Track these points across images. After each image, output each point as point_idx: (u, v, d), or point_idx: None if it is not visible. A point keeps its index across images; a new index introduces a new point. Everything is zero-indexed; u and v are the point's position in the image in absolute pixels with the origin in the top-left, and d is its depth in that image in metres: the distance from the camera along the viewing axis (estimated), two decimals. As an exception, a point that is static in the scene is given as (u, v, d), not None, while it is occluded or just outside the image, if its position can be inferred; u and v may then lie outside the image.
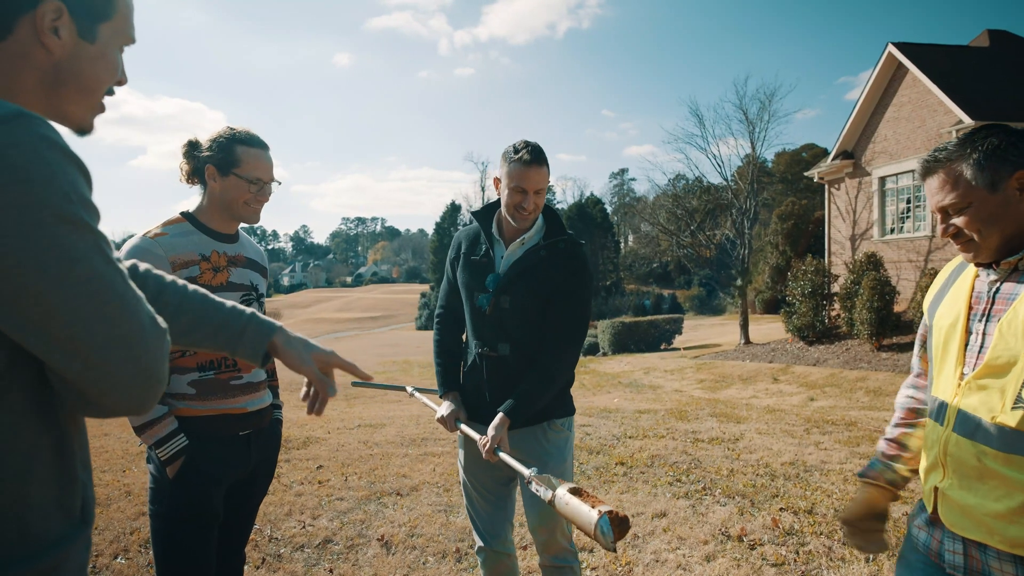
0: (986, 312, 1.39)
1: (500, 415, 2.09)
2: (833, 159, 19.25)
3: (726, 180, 23.30)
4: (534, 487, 1.75)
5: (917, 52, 17.02)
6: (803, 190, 39.81)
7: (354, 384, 3.00)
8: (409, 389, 2.65)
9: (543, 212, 2.30)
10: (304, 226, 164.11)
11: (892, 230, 18.00)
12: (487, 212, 2.37)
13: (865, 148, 18.64)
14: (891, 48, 17.25)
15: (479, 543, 2.39)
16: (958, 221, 1.38)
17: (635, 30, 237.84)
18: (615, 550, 1.53)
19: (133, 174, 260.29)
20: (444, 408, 2.31)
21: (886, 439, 1.68)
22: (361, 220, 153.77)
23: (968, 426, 1.36)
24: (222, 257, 2.05)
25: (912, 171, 17.21)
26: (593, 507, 1.50)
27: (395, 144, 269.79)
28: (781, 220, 31.59)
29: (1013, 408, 1.28)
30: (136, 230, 1.93)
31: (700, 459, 5.43)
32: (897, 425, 1.68)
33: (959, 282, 1.53)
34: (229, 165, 1.99)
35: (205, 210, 2.07)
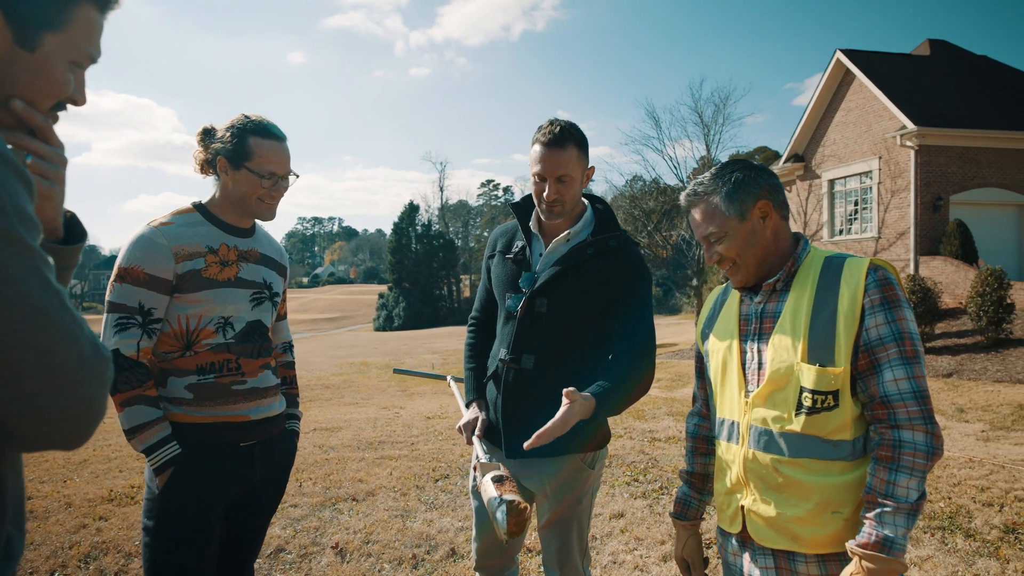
0: (757, 331, 1.53)
1: (587, 395, 1.64)
2: (784, 162, 19.74)
3: (682, 181, 23.67)
4: (476, 473, 1.67)
5: (864, 59, 17.59)
6: (756, 192, 40.64)
7: (396, 371, 2.90)
8: (448, 379, 2.47)
9: (592, 205, 2.02)
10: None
11: (841, 231, 18.54)
12: (526, 205, 2.07)
13: (815, 151, 19.17)
14: (839, 55, 17.78)
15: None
16: (720, 248, 1.52)
17: (589, 33, 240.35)
18: (505, 542, 1.47)
19: (76, 172, 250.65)
20: (466, 416, 2.02)
21: (689, 472, 1.78)
22: (318, 220, 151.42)
23: (762, 439, 1.48)
24: (232, 251, 1.91)
25: (860, 174, 17.76)
26: (501, 494, 1.46)
27: (351, 143, 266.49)
28: (735, 221, 32.16)
29: (797, 414, 1.42)
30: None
31: (657, 458, 5.48)
32: (694, 455, 1.78)
33: (726, 309, 1.65)
34: (241, 158, 1.85)
35: (218, 202, 1.93)
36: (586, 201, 2.04)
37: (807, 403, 1.41)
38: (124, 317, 1.77)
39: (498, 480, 1.53)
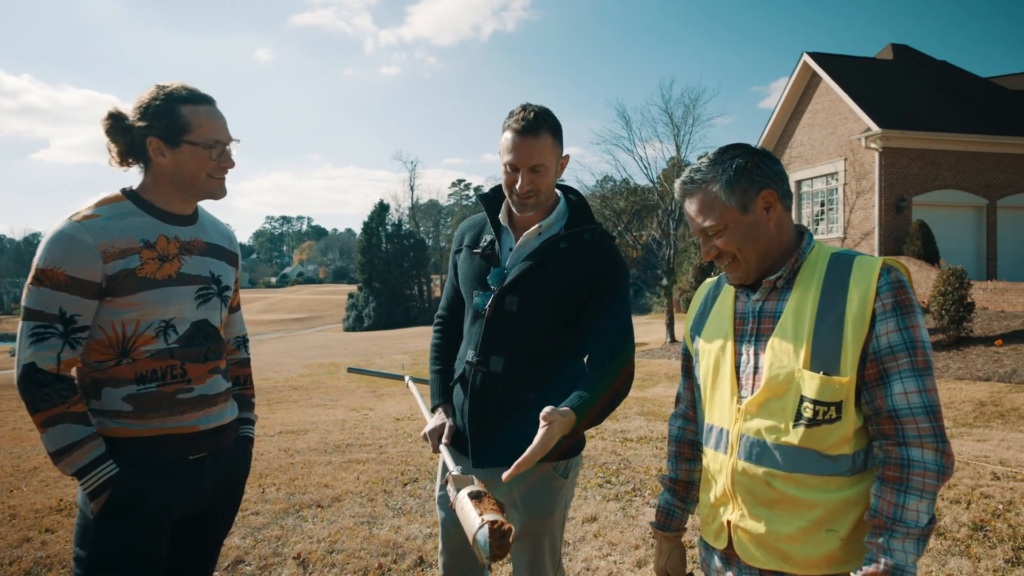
0: (754, 332, 1.40)
1: (565, 410, 1.53)
2: (753, 163, 19.97)
3: (652, 182, 23.81)
4: (448, 487, 1.55)
5: (829, 62, 17.88)
6: (724, 193, 41.15)
7: (350, 370, 2.72)
8: (406, 379, 2.30)
9: (565, 196, 1.90)
10: (226, 224, 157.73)
11: (807, 232, 18.84)
12: (495, 196, 1.93)
13: (783, 153, 19.42)
14: (806, 57, 18.04)
15: None
16: (718, 243, 1.38)
17: (559, 34, 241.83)
18: (488, 567, 1.34)
19: (35, 168, 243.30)
20: (433, 421, 1.88)
21: (672, 479, 1.66)
22: (286, 219, 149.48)
23: (754, 451, 1.36)
24: (172, 243, 1.67)
25: (826, 175, 18.04)
26: (480, 515, 1.33)
27: (320, 142, 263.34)
28: (704, 221, 32.52)
29: (795, 426, 1.30)
30: (38, 228, 1.54)
31: (629, 459, 5.43)
32: (678, 461, 1.65)
33: (719, 306, 1.52)
34: (178, 133, 1.61)
35: (152, 187, 1.68)
36: (559, 192, 1.93)
37: (807, 414, 1.29)
38: (42, 326, 1.55)
39: (475, 496, 1.39)
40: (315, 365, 18.32)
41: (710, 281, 1.62)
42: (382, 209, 52.15)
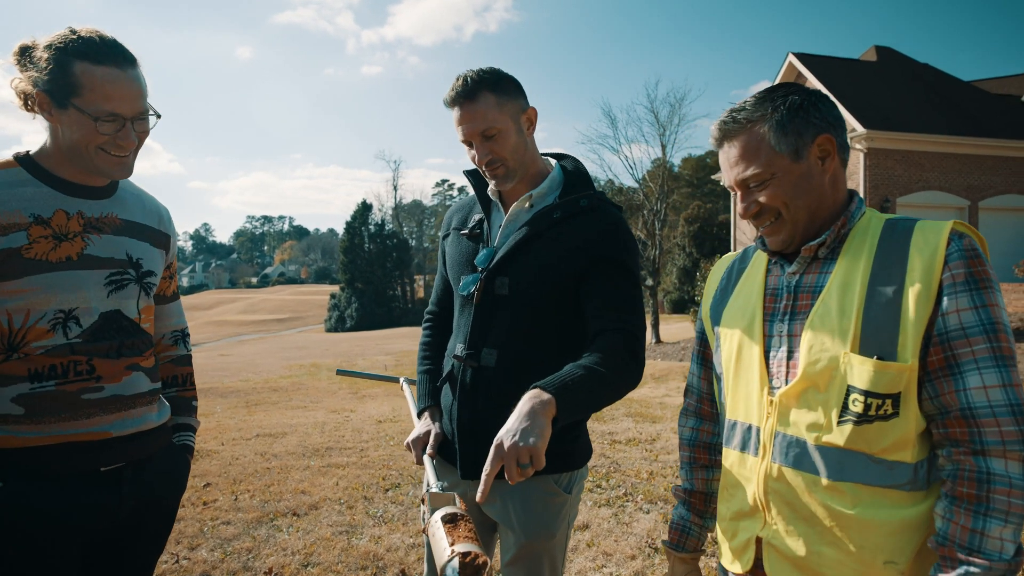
0: (788, 310, 1.18)
1: (536, 390, 1.27)
2: (738, 163, 19.98)
3: (638, 182, 23.77)
4: (423, 508, 1.34)
5: (814, 63, 17.90)
6: (708, 194, 41.51)
7: (339, 372, 2.49)
8: (401, 381, 2.07)
9: (559, 163, 1.68)
10: (205, 224, 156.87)
11: (792, 232, 18.89)
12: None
13: (767, 153, 19.46)
14: (791, 58, 18.05)
15: None
16: (762, 197, 1.16)
17: (542, 34, 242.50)
18: None
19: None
20: (417, 428, 1.66)
21: (687, 490, 1.43)
22: (267, 219, 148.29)
23: (791, 452, 1.13)
24: (74, 220, 1.39)
25: (810, 176, 18.06)
26: (452, 544, 1.14)
27: (301, 141, 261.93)
28: (688, 223, 32.76)
29: (840, 422, 1.08)
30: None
31: (619, 462, 5.26)
32: (694, 468, 1.43)
33: (746, 280, 1.30)
34: (66, 93, 1.33)
35: (51, 152, 1.40)
36: (553, 160, 1.71)
37: (856, 408, 1.06)
38: None
39: (450, 520, 1.17)
40: (296, 366, 17.97)
41: (732, 254, 1.40)
42: (365, 209, 51.71)
